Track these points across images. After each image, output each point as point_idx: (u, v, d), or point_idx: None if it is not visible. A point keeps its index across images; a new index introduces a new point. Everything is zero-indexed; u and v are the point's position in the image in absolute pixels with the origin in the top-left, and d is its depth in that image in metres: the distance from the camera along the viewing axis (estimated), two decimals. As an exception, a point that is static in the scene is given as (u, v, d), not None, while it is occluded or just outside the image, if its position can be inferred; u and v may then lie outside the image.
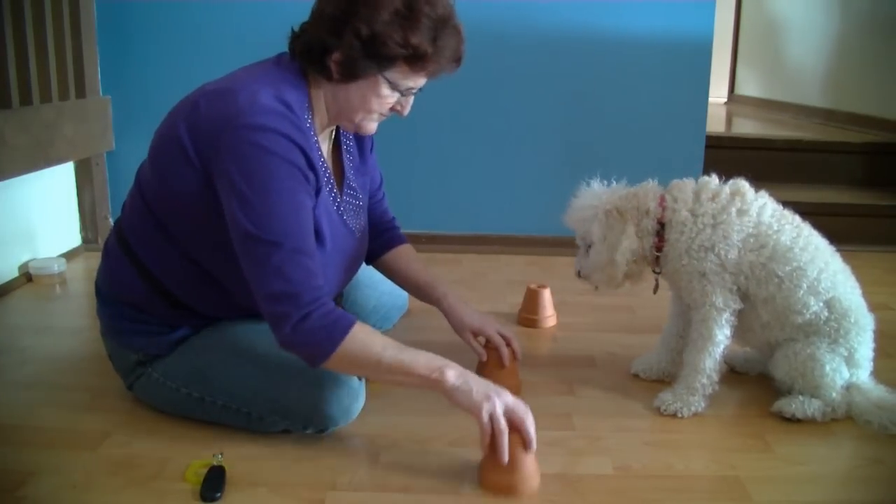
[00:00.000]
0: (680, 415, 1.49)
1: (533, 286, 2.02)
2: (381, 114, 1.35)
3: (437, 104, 2.62)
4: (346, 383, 1.35)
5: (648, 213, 1.50)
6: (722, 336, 1.50)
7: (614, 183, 1.57)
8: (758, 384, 1.65)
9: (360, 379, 1.39)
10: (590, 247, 1.55)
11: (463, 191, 2.69)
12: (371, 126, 1.37)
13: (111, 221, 2.62)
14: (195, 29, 2.52)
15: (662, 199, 1.51)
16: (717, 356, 1.50)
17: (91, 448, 1.34)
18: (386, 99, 1.31)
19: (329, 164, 1.41)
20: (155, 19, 2.53)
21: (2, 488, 1.21)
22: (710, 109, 2.70)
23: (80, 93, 2.35)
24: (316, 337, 1.21)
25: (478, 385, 1.24)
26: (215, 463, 1.25)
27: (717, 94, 5.01)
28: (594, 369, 1.72)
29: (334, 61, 1.26)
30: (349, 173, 1.48)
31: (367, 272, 1.76)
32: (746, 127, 3.83)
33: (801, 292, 1.47)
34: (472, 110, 2.63)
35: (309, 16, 1.31)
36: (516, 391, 1.58)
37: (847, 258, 1.59)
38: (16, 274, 2.22)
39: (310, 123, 1.31)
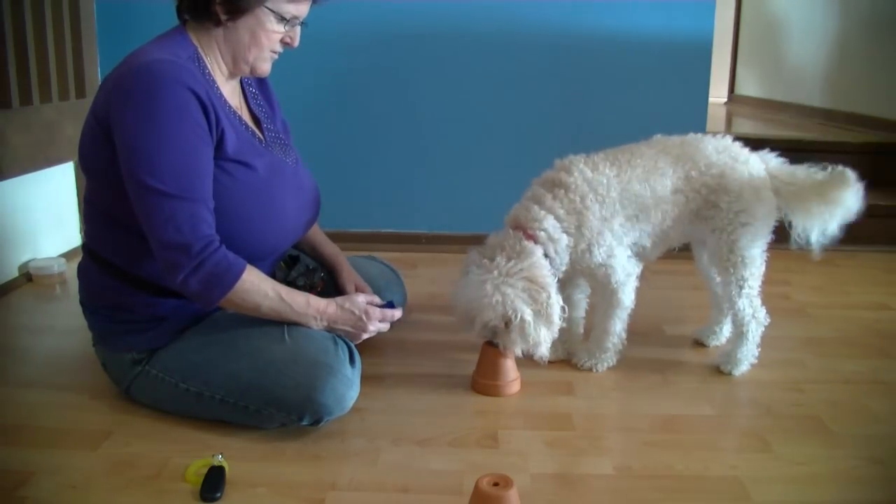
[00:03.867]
0: (595, 370, 1.66)
1: None
2: (273, 50, 1.42)
3: (437, 104, 2.62)
4: (339, 371, 1.36)
5: (536, 258, 1.50)
6: (630, 299, 1.63)
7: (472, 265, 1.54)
8: (758, 384, 1.65)
9: (352, 366, 1.40)
10: (507, 324, 1.48)
11: (463, 191, 2.69)
12: (265, 66, 1.44)
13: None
14: (195, 29, 2.52)
15: (532, 237, 1.52)
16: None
17: (91, 448, 1.34)
18: (274, 32, 1.39)
19: (242, 113, 1.48)
20: (155, 19, 2.50)
21: (2, 488, 1.21)
22: (710, 109, 2.70)
23: (80, 93, 2.35)
24: (206, 286, 1.30)
25: (343, 322, 1.43)
26: (215, 463, 1.25)
27: (717, 94, 5.01)
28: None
29: (218, 4, 1.33)
30: (264, 120, 1.54)
31: (363, 271, 1.76)
32: (746, 127, 3.83)
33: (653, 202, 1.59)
34: (472, 111, 2.63)
35: None
36: (517, 387, 1.59)
37: (847, 258, 1.59)
38: (16, 274, 2.22)
39: (207, 71, 1.37)
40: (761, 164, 1.64)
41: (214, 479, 1.22)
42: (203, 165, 1.31)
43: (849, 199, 1.58)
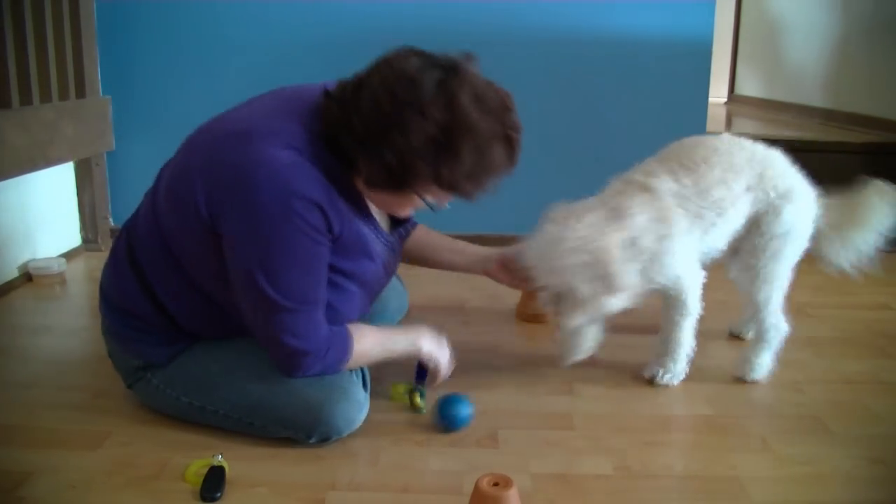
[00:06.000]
0: (672, 384, 1.62)
1: None
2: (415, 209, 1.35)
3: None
4: (352, 396, 1.35)
5: (613, 223, 1.46)
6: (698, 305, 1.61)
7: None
8: (758, 384, 1.65)
9: (364, 389, 1.40)
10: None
11: (463, 191, 2.69)
12: (404, 214, 1.37)
13: (111, 221, 2.63)
14: (195, 29, 2.52)
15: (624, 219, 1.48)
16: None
17: (91, 448, 1.34)
18: (417, 205, 1.30)
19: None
20: (155, 19, 2.53)
21: (1, 488, 1.21)
22: (710, 109, 2.70)
23: (80, 93, 2.35)
24: (328, 368, 1.32)
25: (441, 356, 1.47)
26: (215, 463, 1.25)
27: (717, 94, 5.01)
28: (594, 369, 1.71)
29: (360, 167, 1.23)
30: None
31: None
32: (746, 127, 3.83)
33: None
34: (472, 110, 2.63)
35: (339, 107, 1.22)
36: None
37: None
38: (16, 274, 2.22)
39: (349, 180, 1.28)
40: (813, 193, 1.64)
41: (214, 479, 1.22)
42: (323, 275, 1.27)
43: (881, 217, 1.61)
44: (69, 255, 2.43)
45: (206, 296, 1.34)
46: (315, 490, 1.23)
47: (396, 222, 1.48)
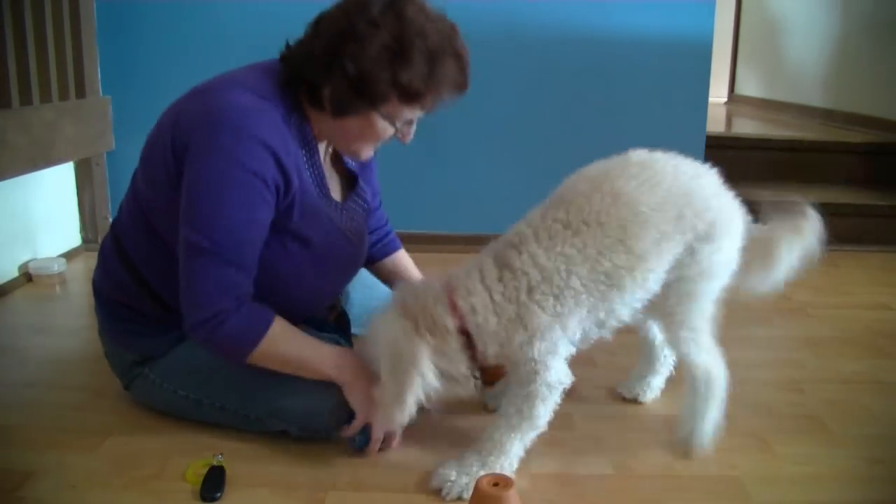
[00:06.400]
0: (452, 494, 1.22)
1: None
2: (379, 142, 1.34)
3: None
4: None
5: (447, 330, 1.21)
6: (545, 418, 1.26)
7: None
8: (758, 384, 1.65)
9: None
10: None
11: (463, 191, 2.69)
12: (367, 154, 1.37)
13: (111, 221, 2.63)
14: (195, 29, 2.52)
15: (455, 306, 1.23)
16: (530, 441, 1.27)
17: (91, 448, 1.34)
18: (383, 131, 1.30)
19: (330, 169, 1.41)
20: (155, 19, 2.53)
21: (2, 488, 1.21)
22: (710, 109, 2.71)
23: (80, 93, 2.35)
24: (224, 347, 1.26)
25: (361, 396, 1.28)
26: (215, 463, 1.25)
27: (717, 94, 5.01)
28: (594, 369, 1.72)
29: (325, 97, 1.26)
30: (359, 179, 1.48)
31: (364, 273, 1.76)
32: (746, 127, 3.83)
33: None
34: (471, 110, 2.63)
35: (298, 44, 1.29)
36: None
37: (847, 258, 1.59)
38: (16, 274, 2.22)
39: (308, 130, 1.31)
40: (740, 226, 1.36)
41: (214, 479, 1.22)
42: (254, 234, 1.25)
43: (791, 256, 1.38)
44: (69, 255, 2.43)
45: None
46: (315, 490, 1.23)
47: (350, 190, 1.48)
